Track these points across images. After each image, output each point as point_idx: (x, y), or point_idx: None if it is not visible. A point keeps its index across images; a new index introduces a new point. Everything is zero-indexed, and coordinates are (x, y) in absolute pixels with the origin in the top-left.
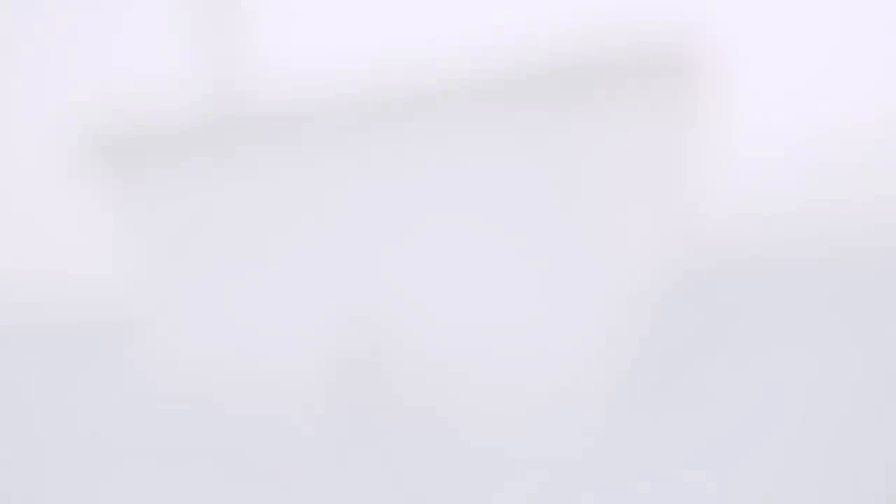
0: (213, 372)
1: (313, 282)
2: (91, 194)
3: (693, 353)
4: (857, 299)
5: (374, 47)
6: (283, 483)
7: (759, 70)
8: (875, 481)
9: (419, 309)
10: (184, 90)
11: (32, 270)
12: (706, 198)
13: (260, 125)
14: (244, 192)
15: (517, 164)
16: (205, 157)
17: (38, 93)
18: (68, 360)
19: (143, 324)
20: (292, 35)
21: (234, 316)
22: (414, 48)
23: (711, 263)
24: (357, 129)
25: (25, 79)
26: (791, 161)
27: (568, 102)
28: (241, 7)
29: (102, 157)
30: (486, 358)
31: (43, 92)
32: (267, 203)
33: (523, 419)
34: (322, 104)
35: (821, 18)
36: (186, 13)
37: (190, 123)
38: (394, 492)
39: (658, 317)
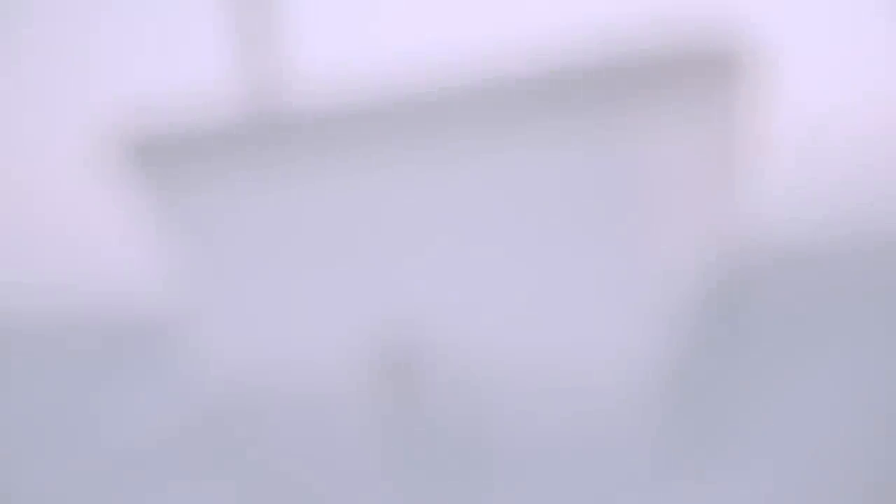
0: (250, 373)
1: (349, 285)
2: (128, 196)
3: (742, 353)
4: None
5: (410, 53)
6: (320, 481)
7: (808, 69)
8: None
9: (456, 312)
10: (219, 93)
11: (70, 272)
12: (752, 198)
13: (294, 128)
14: (279, 194)
15: (560, 169)
16: (240, 160)
17: (75, 96)
18: (105, 360)
19: (179, 324)
20: (326, 41)
21: (269, 317)
22: (452, 53)
23: (760, 263)
24: (393, 132)
25: (60, 82)
26: (841, 161)
27: (614, 104)
28: (276, 13)
29: (141, 159)
30: (524, 360)
31: (80, 95)
32: (301, 205)
33: (563, 419)
34: (357, 109)
35: (872, 18)
36: (221, 18)
37: (225, 126)
38: (431, 489)
39: (703, 318)
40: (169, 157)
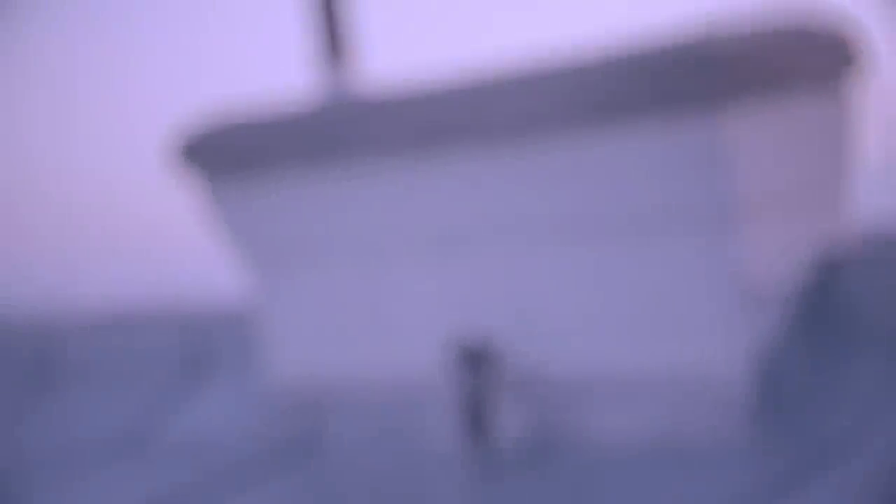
0: (328, 376)
1: (429, 286)
2: (204, 200)
3: (847, 359)
4: None
5: (488, 50)
6: (399, 482)
7: None
8: None
9: (538, 314)
10: (295, 94)
11: (149, 276)
12: (857, 195)
13: (368, 132)
14: (352, 198)
15: (651, 165)
16: (318, 164)
17: (153, 102)
18: (185, 365)
19: (259, 327)
20: (395, 44)
21: (344, 320)
22: (536, 46)
23: (866, 262)
24: (475, 132)
25: (126, 87)
26: None
27: (716, 98)
28: (343, 16)
29: (219, 164)
30: (610, 365)
31: (152, 98)
32: (373, 208)
33: (653, 428)
34: (434, 111)
35: None
36: (291, 20)
37: (302, 130)
38: (507, 492)
39: (803, 322)
40: (246, 162)
